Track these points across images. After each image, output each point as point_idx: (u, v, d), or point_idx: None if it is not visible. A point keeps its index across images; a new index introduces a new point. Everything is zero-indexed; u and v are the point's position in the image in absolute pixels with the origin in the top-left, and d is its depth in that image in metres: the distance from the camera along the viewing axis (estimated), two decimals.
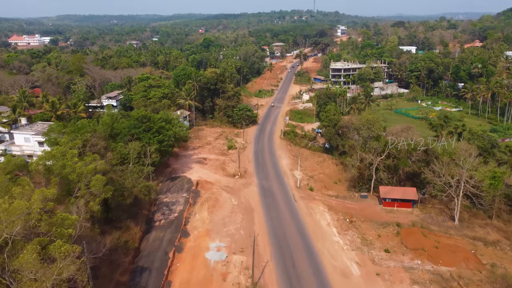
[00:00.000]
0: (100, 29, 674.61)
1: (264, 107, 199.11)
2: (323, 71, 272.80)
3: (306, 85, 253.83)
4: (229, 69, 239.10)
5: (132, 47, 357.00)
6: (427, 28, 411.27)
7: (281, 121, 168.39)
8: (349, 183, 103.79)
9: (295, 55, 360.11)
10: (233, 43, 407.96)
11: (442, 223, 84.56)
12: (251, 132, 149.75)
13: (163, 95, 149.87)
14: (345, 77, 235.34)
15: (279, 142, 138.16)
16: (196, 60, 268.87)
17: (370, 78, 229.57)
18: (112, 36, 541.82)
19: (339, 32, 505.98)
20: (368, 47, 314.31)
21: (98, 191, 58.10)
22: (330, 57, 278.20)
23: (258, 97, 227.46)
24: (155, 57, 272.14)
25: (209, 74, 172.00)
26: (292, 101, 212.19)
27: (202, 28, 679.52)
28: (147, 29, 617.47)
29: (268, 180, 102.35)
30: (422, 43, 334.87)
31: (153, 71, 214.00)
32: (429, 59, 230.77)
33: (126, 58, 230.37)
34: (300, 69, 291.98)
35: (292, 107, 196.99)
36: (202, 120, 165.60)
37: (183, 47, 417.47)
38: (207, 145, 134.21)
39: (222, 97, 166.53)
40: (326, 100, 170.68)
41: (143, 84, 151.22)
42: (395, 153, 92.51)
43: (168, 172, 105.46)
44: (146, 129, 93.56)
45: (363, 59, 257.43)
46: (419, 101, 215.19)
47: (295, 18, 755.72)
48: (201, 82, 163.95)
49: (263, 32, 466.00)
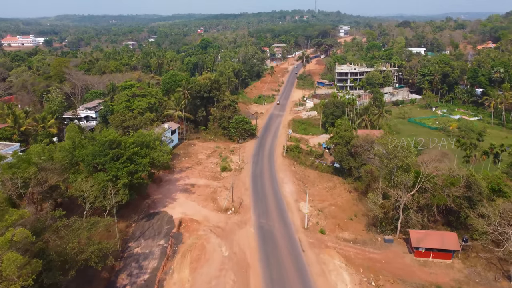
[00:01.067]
0: (97, 29, 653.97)
1: (264, 115, 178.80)
2: (327, 74, 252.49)
3: (310, 90, 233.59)
4: (226, 73, 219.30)
5: (125, 48, 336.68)
6: (434, 29, 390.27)
7: (282, 134, 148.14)
8: (367, 219, 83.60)
9: (297, 57, 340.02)
10: (232, 44, 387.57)
11: (494, 283, 64.35)
12: (249, 148, 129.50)
13: (148, 106, 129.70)
14: (352, 82, 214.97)
15: (281, 161, 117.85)
16: (191, 63, 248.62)
17: (379, 83, 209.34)
18: (109, 37, 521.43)
19: (342, 33, 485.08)
20: (374, 49, 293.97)
21: (12, 276, 38.01)
22: (334, 60, 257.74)
23: (258, 103, 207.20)
24: (148, 59, 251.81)
25: (202, 80, 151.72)
26: (295, 108, 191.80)
27: (201, 29, 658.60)
28: (145, 30, 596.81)
29: (268, 218, 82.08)
30: (431, 44, 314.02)
31: (142, 75, 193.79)
32: (443, 62, 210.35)
33: (114, 62, 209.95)
34: (303, 72, 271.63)
35: (295, 116, 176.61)
36: (194, 132, 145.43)
37: (180, 48, 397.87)
38: (197, 165, 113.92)
39: (217, 106, 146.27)
40: (334, 110, 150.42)
41: (125, 93, 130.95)
42: (429, 188, 72.19)
43: (145, 206, 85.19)
44: (114, 157, 73.30)
45: (371, 62, 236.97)
46: (433, 108, 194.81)
47: (296, 18, 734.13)
48: (193, 90, 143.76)
49: (264, 33, 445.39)
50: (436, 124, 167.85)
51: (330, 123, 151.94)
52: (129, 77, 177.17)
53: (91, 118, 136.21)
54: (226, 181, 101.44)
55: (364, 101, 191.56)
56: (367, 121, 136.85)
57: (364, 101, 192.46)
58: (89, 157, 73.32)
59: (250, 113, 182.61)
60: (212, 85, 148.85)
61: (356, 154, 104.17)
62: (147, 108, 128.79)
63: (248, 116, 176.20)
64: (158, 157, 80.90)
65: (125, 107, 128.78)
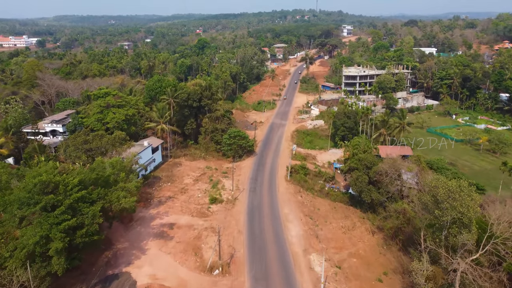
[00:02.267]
0: (94, 29, 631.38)
1: (264, 125, 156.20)
2: (333, 77, 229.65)
3: (314, 94, 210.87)
4: (222, 76, 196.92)
5: (117, 49, 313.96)
6: (443, 28, 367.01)
7: (285, 149, 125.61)
8: (402, 280, 61.19)
9: (299, 58, 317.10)
10: (231, 45, 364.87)
11: None
12: (246, 169, 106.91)
13: (126, 118, 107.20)
14: (362, 86, 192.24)
15: (285, 188, 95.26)
16: (185, 65, 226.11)
17: (391, 87, 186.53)
18: (104, 37, 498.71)
19: (345, 32, 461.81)
20: (382, 49, 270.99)
21: None
22: (340, 61, 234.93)
23: (257, 110, 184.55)
24: (138, 61, 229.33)
25: (191, 87, 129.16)
26: (299, 116, 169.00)
27: (200, 29, 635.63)
28: (142, 30, 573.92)
29: (269, 283, 59.47)
30: (442, 44, 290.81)
31: (127, 80, 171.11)
32: (462, 64, 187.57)
33: (97, 65, 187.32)
34: (306, 74, 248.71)
35: (299, 126, 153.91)
36: (182, 147, 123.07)
37: (176, 49, 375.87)
38: (181, 193, 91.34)
39: (208, 117, 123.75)
40: (345, 121, 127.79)
41: (98, 104, 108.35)
42: (499, 252, 49.63)
43: (103, 263, 62.54)
44: (47, 207, 50.75)
45: (381, 64, 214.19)
46: (453, 116, 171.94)
47: (297, 17, 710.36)
48: (180, 98, 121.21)
49: (264, 33, 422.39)
50: (460, 135, 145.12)
51: (341, 137, 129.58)
52: (111, 82, 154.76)
53: (59, 133, 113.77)
54: (215, 217, 78.91)
55: (377, 108, 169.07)
56: (385, 135, 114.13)
57: (377, 107, 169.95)
58: (15, 205, 50.83)
59: (248, 122, 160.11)
60: (203, 92, 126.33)
61: (379, 183, 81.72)
62: (124, 121, 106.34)
63: (246, 126, 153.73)
64: (118, 200, 58.18)
65: (97, 120, 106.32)
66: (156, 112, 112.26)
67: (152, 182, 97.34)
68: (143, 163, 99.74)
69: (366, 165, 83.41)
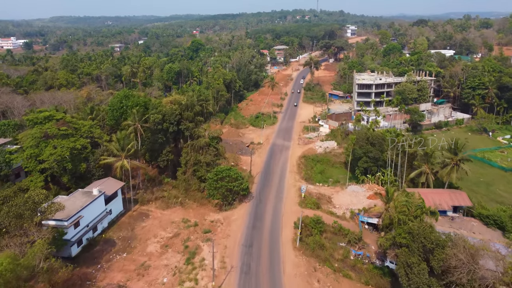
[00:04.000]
0: (87, 31, 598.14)
1: (263, 147, 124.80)
2: (342, 85, 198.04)
3: (321, 104, 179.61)
4: (214, 85, 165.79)
5: (101, 52, 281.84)
6: (455, 28, 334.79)
7: (291, 186, 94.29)
8: None
9: (302, 61, 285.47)
10: (227, 47, 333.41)
11: None
12: (238, 225, 75.53)
13: (72, 153, 75.86)
14: (378, 96, 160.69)
15: (294, 265, 63.73)
16: (173, 71, 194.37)
17: (413, 97, 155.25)
18: (95, 39, 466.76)
19: (349, 33, 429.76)
20: (394, 51, 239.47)
21: None
22: (350, 66, 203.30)
23: (255, 125, 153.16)
24: (120, 67, 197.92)
25: (168, 106, 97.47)
26: (305, 135, 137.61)
27: (197, 29, 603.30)
28: (135, 31, 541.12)
29: None
30: (459, 46, 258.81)
31: (97, 92, 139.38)
32: (497, 71, 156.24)
33: (64, 72, 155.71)
34: (310, 80, 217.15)
35: (307, 149, 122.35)
36: (154, 186, 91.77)
37: (169, 51, 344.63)
38: (138, 276, 60.02)
39: (190, 145, 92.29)
40: (368, 149, 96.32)
41: (33, 134, 76.86)
42: None
43: None
44: None
45: (397, 70, 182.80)
46: (490, 133, 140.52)
47: (298, 18, 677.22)
48: (152, 122, 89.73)
49: (263, 33, 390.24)
50: (508, 160, 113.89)
51: (363, 169, 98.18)
52: (74, 96, 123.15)
53: None
54: None
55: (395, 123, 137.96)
56: (428, 174, 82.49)
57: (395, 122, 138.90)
58: None
59: (243, 144, 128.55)
60: (183, 113, 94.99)
61: (445, 273, 50.40)
62: (70, 157, 75.04)
63: (241, 150, 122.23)
64: None
65: (30, 157, 75.02)
66: (115, 144, 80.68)
67: (100, 252, 66.04)
68: (91, 221, 68.54)
69: (421, 241, 52.14)
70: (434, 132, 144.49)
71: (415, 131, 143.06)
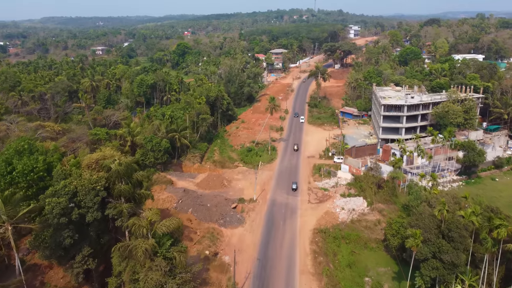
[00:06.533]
0: (72, 32, 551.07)
1: (258, 208, 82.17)
2: (356, 101, 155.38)
3: (331, 127, 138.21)
4: (195, 105, 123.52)
5: (68, 59, 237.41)
6: (473, 28, 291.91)
7: None
8: None
9: (304, 66, 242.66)
10: (218, 50, 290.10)
11: None
12: None
13: None
14: (411, 120, 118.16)
15: None
16: (145, 84, 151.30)
17: (459, 122, 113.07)
18: (77, 41, 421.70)
19: (352, 34, 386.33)
20: (413, 57, 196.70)
21: None
22: (366, 76, 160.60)
23: (247, 162, 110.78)
24: (78, 79, 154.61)
25: (86, 173, 54.16)
26: (316, 182, 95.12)
27: (189, 30, 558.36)
28: (122, 32, 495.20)
29: None
30: (488, 50, 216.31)
31: (12, 128, 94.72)
32: None
33: None
34: (315, 93, 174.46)
35: (323, 214, 79.40)
36: None
37: (153, 55, 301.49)
38: None
39: (122, 250, 49.31)
40: (440, 245, 53.67)
41: None
42: None
43: None
44: None
45: (429, 84, 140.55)
46: None
47: (295, 17, 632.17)
48: (50, 214, 46.72)
49: (259, 35, 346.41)
50: None
51: (429, 279, 55.41)
52: None
53: None
54: None
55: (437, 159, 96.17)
56: None
57: (438, 158, 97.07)
58: None
59: (227, 203, 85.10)
60: (114, 186, 51.99)
61: None
62: None
63: (224, 216, 79.05)
64: None
65: None
66: None
67: None
68: None
69: None
70: (495, 174, 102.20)
71: (468, 174, 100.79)
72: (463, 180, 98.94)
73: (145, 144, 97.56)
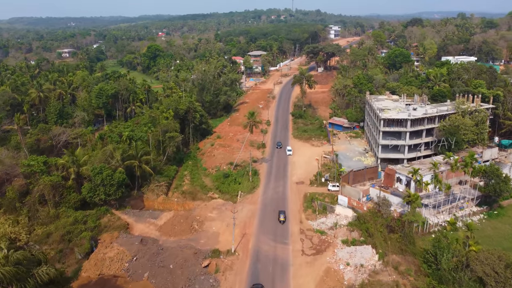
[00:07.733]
0: (40, 33, 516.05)
1: (239, 265, 61.95)
2: (346, 110, 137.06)
3: (320, 142, 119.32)
4: (161, 121, 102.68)
5: (21, 64, 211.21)
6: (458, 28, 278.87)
7: None
8: None
9: (285, 70, 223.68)
10: (193, 52, 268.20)
11: None
12: None
13: None
14: (415, 136, 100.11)
15: None
16: (105, 94, 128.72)
17: (470, 138, 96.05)
18: (43, 43, 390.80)
19: (332, 34, 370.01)
20: (400, 58, 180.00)
21: None
22: (356, 82, 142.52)
23: (224, 192, 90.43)
24: (22, 90, 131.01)
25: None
26: (310, 221, 75.67)
27: (164, 31, 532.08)
28: (92, 33, 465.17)
29: None
30: (478, 51, 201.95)
31: None
32: None
33: None
34: (299, 100, 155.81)
35: (322, 273, 59.83)
36: None
37: (123, 58, 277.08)
38: None
39: None
40: None
41: None
42: None
43: None
44: None
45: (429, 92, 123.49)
46: None
47: (273, 17, 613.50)
48: None
49: (236, 36, 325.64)
50: None
51: None
52: None
53: None
54: None
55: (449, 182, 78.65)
56: None
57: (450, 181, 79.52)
58: None
59: (196, 258, 64.23)
60: None
61: None
62: None
63: (191, 280, 58.70)
64: None
65: None
66: None
67: None
68: None
69: None
70: None
71: (489, 203, 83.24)
72: (484, 212, 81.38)
73: (93, 177, 75.98)
